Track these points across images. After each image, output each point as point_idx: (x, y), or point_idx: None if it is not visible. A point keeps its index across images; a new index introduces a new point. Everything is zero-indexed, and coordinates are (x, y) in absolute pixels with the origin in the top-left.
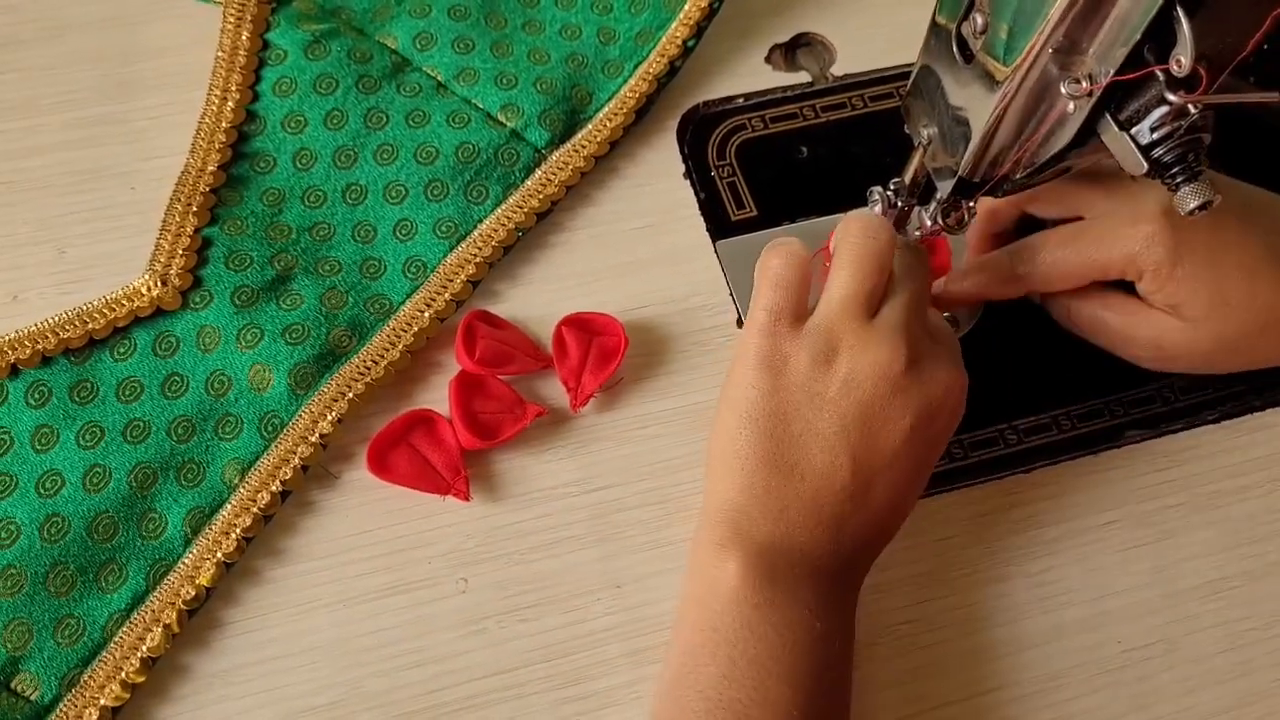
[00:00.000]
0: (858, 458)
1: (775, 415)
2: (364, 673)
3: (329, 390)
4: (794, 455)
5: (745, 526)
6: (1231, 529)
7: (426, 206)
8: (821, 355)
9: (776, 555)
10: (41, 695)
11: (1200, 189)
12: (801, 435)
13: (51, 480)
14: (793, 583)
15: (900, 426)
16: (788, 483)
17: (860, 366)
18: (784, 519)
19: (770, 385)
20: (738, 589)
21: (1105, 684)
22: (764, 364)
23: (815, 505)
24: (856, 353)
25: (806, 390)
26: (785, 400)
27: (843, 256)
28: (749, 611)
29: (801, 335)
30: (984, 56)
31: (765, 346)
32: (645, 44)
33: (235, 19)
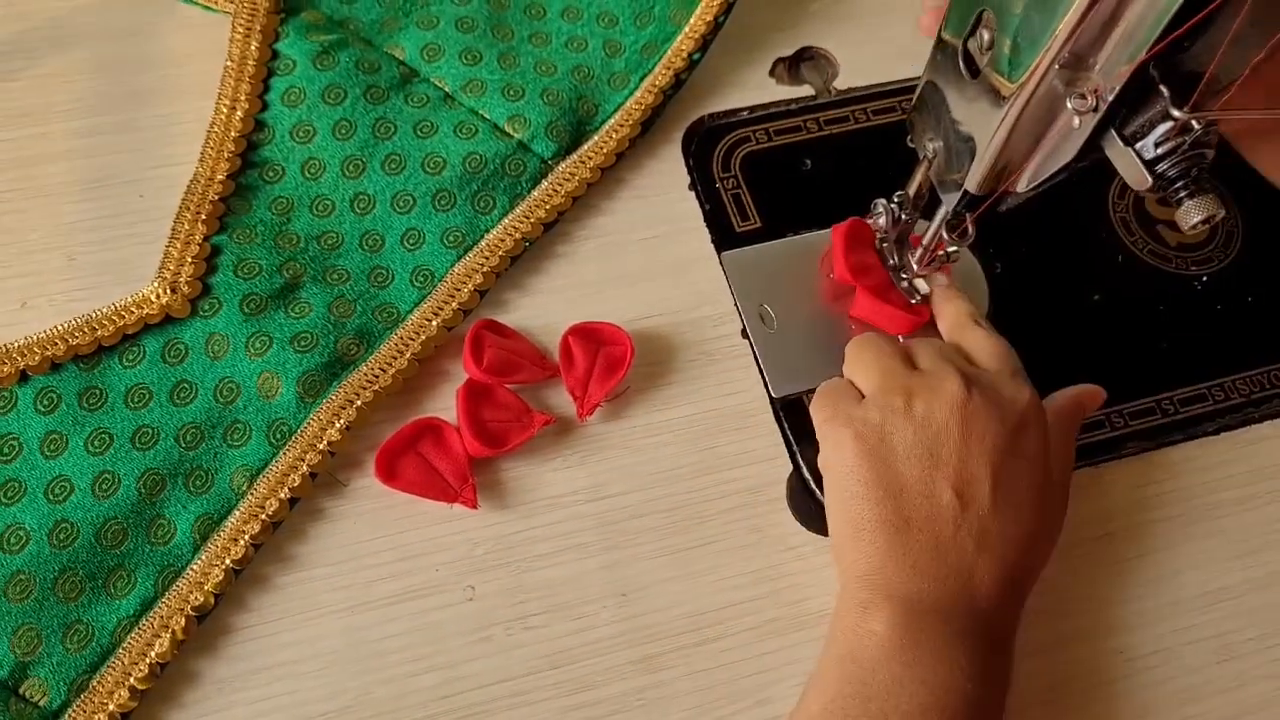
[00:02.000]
0: (960, 490)
1: (875, 479)
2: (372, 679)
3: (337, 398)
4: (904, 510)
5: (883, 586)
6: (1230, 540)
7: (434, 216)
8: (894, 408)
9: (921, 612)
10: (50, 701)
11: (1203, 204)
12: (904, 488)
13: (60, 486)
14: (940, 642)
15: (987, 446)
16: (907, 537)
17: (931, 404)
18: (916, 574)
19: (859, 453)
20: (885, 644)
21: (1105, 694)
22: (848, 440)
23: (939, 551)
24: (921, 395)
25: (889, 444)
26: (876, 462)
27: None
28: (899, 670)
29: (866, 403)
30: (990, 72)
31: (836, 427)
32: (651, 57)
33: (244, 29)
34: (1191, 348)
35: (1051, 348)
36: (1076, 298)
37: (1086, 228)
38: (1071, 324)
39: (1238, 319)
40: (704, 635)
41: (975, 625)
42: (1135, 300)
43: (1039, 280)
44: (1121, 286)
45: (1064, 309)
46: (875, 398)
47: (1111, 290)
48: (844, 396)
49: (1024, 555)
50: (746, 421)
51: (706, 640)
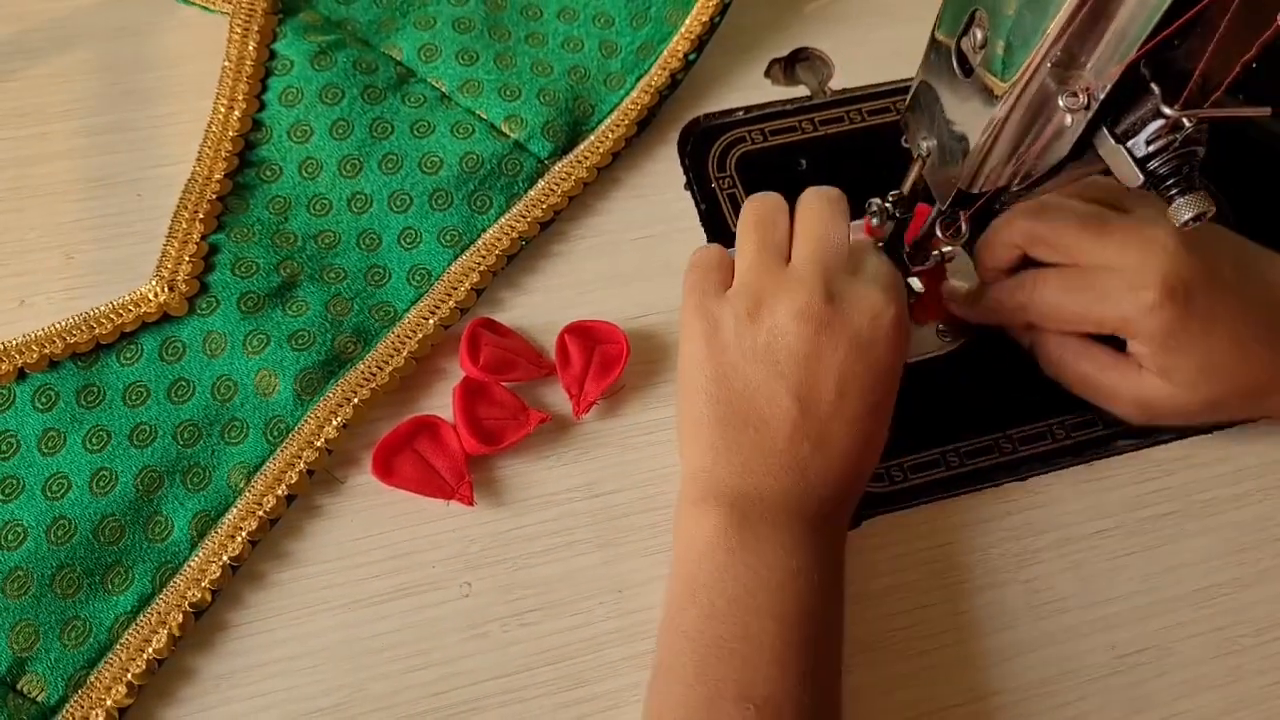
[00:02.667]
0: (801, 397)
1: (718, 378)
2: (368, 675)
3: (334, 396)
4: (743, 409)
5: (715, 483)
6: (1223, 537)
7: (431, 215)
8: (745, 311)
9: (747, 504)
10: (48, 696)
11: (1195, 201)
12: (744, 390)
13: (58, 483)
14: (766, 527)
15: (834, 360)
16: (743, 436)
17: (781, 311)
18: (748, 470)
19: (707, 351)
20: (712, 538)
21: (1098, 690)
22: (700, 335)
23: (773, 452)
24: (775, 300)
25: (739, 347)
26: (723, 361)
27: (742, 227)
28: (723, 556)
29: (725, 298)
30: (982, 72)
31: (697, 319)
32: (647, 57)
33: (242, 29)
34: None
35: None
36: None
37: None
38: None
39: None
40: None
41: (805, 513)
42: None
43: None
44: None
45: None
46: (734, 294)
47: None
48: (712, 280)
49: (859, 454)
50: None
51: None
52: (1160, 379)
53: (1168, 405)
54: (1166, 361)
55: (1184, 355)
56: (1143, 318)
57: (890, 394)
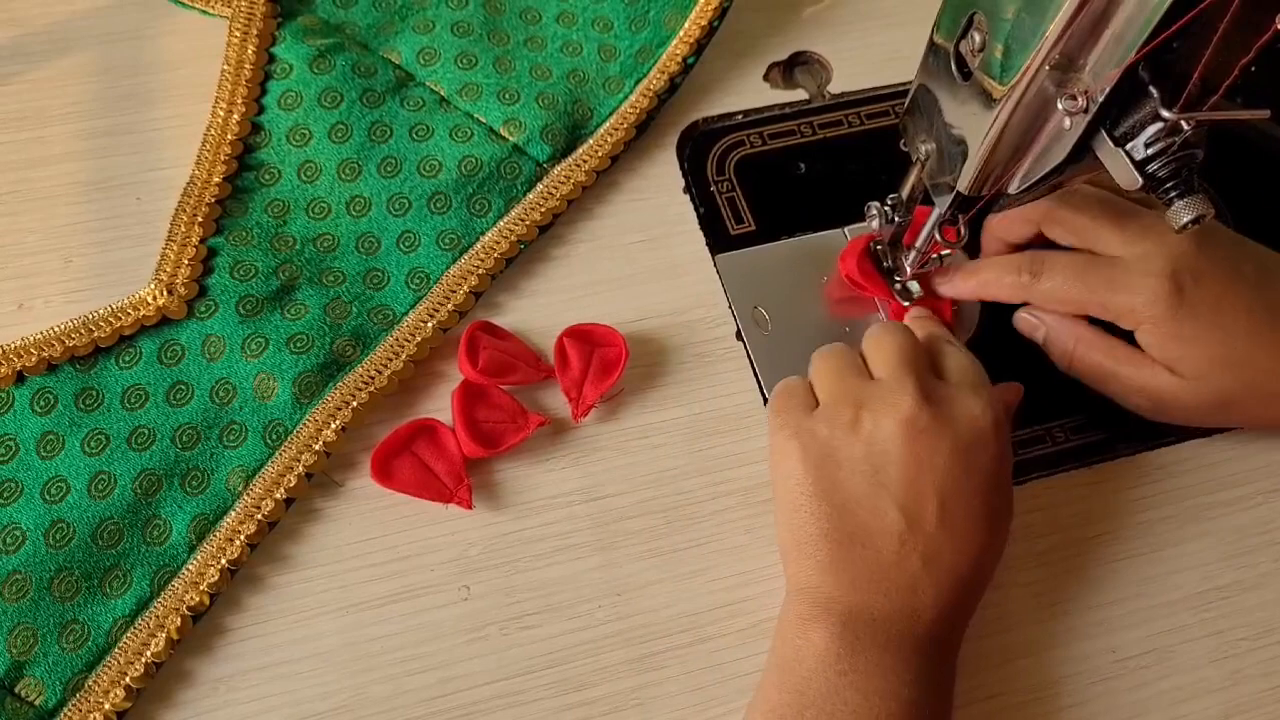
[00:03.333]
0: (906, 509)
1: (820, 494)
2: (367, 679)
3: (333, 399)
4: (849, 524)
5: (824, 600)
6: (1223, 540)
7: (429, 219)
8: (841, 422)
9: (859, 625)
10: (46, 700)
11: (1193, 203)
12: (847, 503)
13: (57, 486)
14: (878, 651)
15: (936, 466)
16: (851, 552)
17: (879, 418)
18: (858, 588)
19: (804, 468)
20: (823, 655)
21: (1098, 693)
22: (795, 453)
23: (883, 568)
24: (873, 407)
25: (837, 459)
26: (822, 475)
27: (818, 363)
28: (834, 678)
29: (818, 414)
30: (981, 75)
31: (789, 439)
32: (646, 61)
33: (241, 33)
34: None
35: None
36: None
37: None
38: None
39: None
40: (697, 635)
41: (917, 637)
42: None
43: None
44: None
45: None
46: (825, 409)
47: None
48: (797, 403)
49: (971, 571)
50: (740, 423)
51: (699, 640)
52: (1168, 371)
53: (1176, 398)
54: (1173, 352)
55: (1192, 346)
56: (1147, 305)
57: (999, 501)
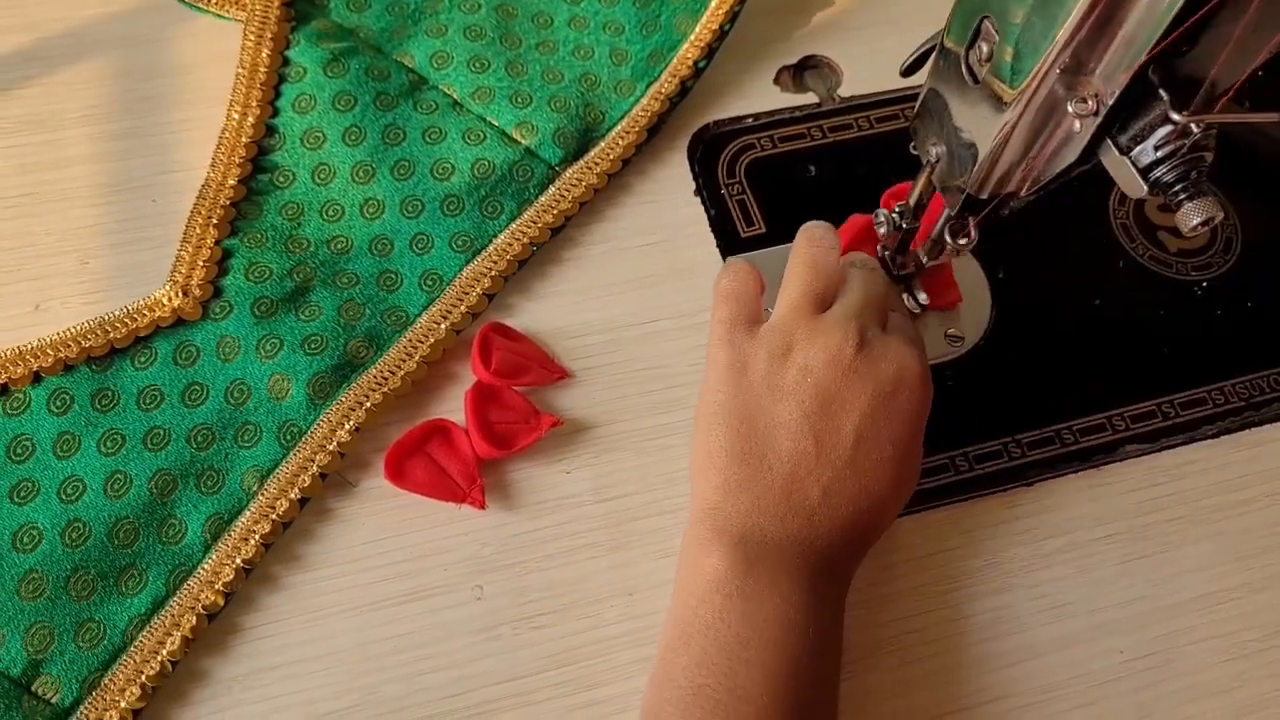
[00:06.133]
0: (822, 441)
1: (741, 413)
2: (380, 678)
3: (347, 400)
4: (761, 447)
5: (722, 523)
6: (1230, 542)
7: (443, 221)
8: (778, 350)
9: (752, 547)
10: (62, 698)
11: (1203, 206)
12: (766, 427)
13: (73, 486)
14: (768, 574)
15: (858, 406)
16: (758, 474)
17: (813, 354)
18: (757, 510)
19: (734, 386)
20: (713, 580)
21: (1105, 694)
22: (727, 367)
23: (786, 493)
24: (808, 343)
25: (767, 384)
26: (749, 397)
27: (793, 265)
28: (721, 600)
29: (758, 336)
30: (991, 79)
31: (726, 352)
32: (657, 64)
33: (256, 37)
34: (1191, 352)
35: (1053, 352)
36: (1078, 302)
37: (1088, 234)
38: (1073, 328)
39: (1237, 323)
40: None
41: (808, 566)
42: (1136, 305)
43: (1041, 285)
44: (1122, 291)
45: (1065, 313)
46: (769, 332)
47: (1112, 295)
48: (742, 313)
49: (871, 512)
50: None
51: None
52: None
53: None
54: None
55: None
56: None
57: (910, 451)
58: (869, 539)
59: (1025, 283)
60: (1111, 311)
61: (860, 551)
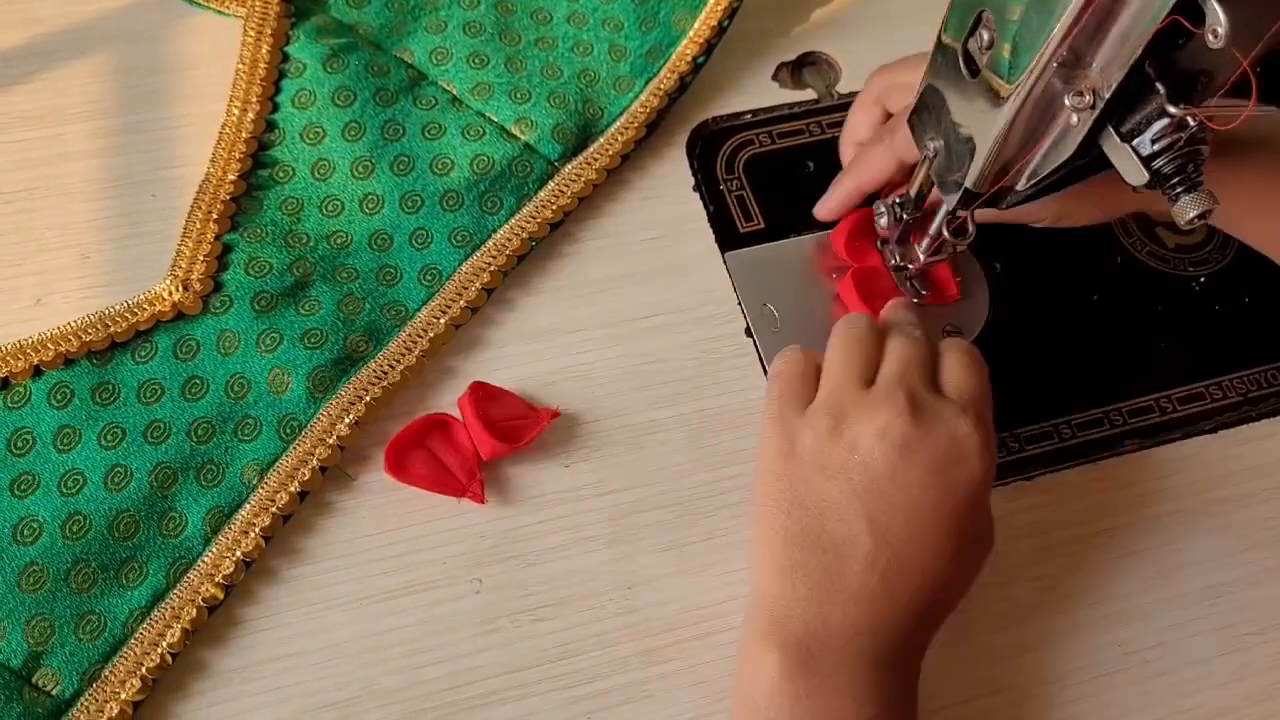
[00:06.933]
0: (876, 522)
1: (792, 496)
2: (379, 670)
3: (346, 394)
4: (815, 529)
5: (782, 614)
6: (1229, 536)
7: (442, 216)
8: (824, 429)
9: (814, 641)
10: (63, 690)
11: (1199, 199)
12: (819, 509)
13: (73, 479)
14: (833, 669)
15: (910, 480)
16: (813, 557)
17: (859, 429)
18: (815, 599)
19: (783, 467)
20: (776, 680)
21: (1105, 686)
22: (778, 449)
23: (844, 578)
24: (858, 417)
25: (816, 464)
26: (798, 479)
27: (831, 345)
28: (789, 704)
29: (806, 415)
30: (989, 74)
31: (776, 431)
32: (656, 61)
33: (255, 33)
34: (1189, 347)
35: (1051, 347)
36: (1076, 298)
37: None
38: (1071, 324)
39: (1235, 319)
40: (707, 628)
41: (874, 655)
42: (1134, 301)
43: (1038, 280)
44: (1120, 287)
45: (1063, 309)
46: (816, 411)
47: (1110, 291)
48: (794, 394)
49: (936, 591)
50: (750, 419)
51: (709, 633)
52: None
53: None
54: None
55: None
56: None
57: (975, 524)
58: (936, 619)
59: (1023, 277)
60: (1109, 307)
61: (927, 632)
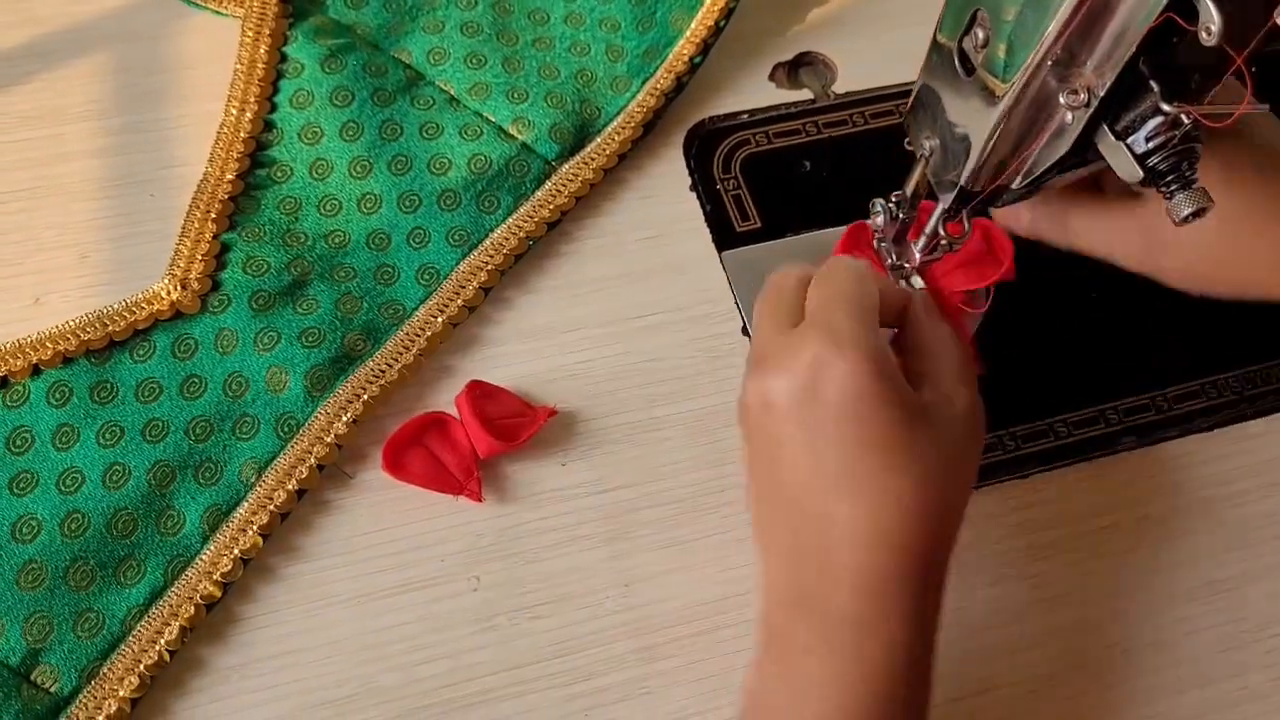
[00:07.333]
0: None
1: (753, 451)
2: (377, 668)
3: (344, 392)
4: (775, 485)
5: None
6: (1225, 534)
7: (439, 216)
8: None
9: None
10: (61, 687)
11: (1193, 197)
12: (772, 463)
13: (72, 478)
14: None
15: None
16: (789, 534)
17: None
18: (804, 568)
19: (742, 425)
20: (799, 645)
21: (1104, 684)
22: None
23: (826, 553)
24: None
25: (754, 419)
26: (748, 430)
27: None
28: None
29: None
30: (984, 73)
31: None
32: (653, 61)
33: (253, 33)
34: (1185, 345)
35: (1047, 345)
36: (1074, 295)
37: None
38: (1068, 321)
39: (1231, 317)
40: (704, 626)
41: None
42: (1130, 298)
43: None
44: (1117, 284)
45: (1061, 306)
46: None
47: (1108, 288)
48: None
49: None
50: None
51: (706, 630)
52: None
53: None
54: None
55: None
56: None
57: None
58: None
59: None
60: (1106, 304)
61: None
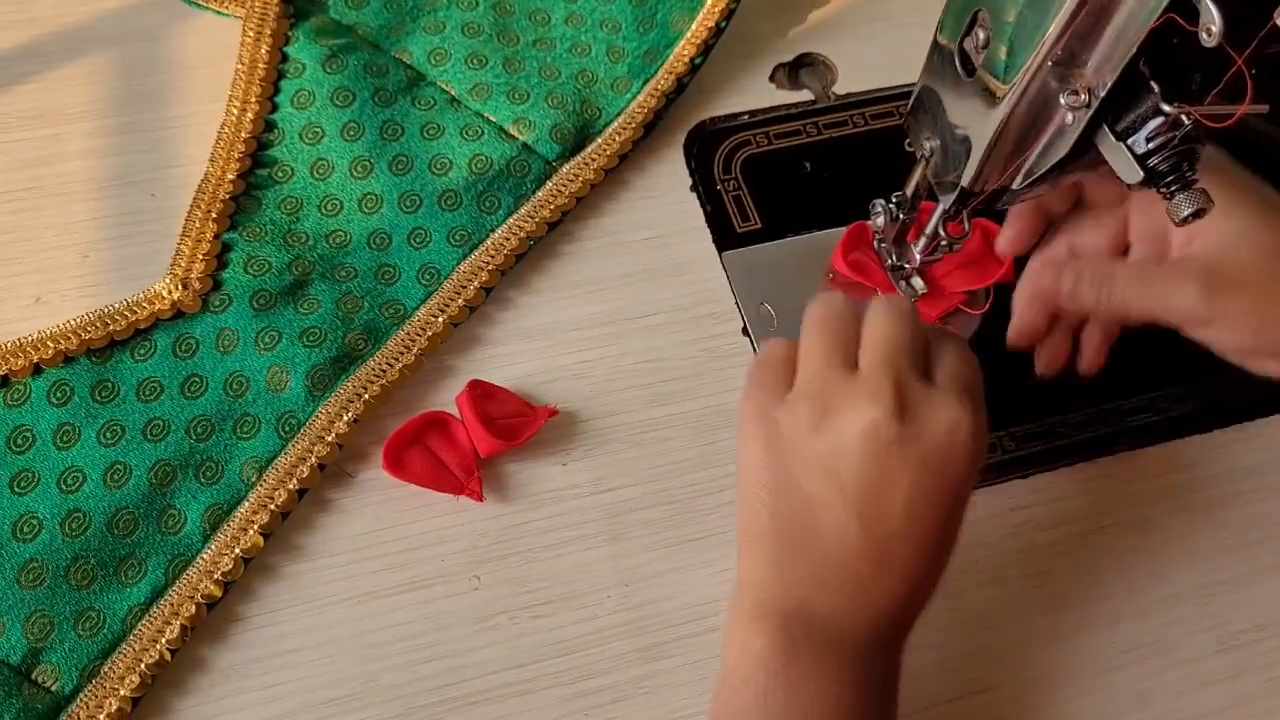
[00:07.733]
0: (865, 518)
1: (775, 489)
2: (378, 667)
3: (345, 392)
4: (800, 525)
5: (766, 599)
6: (1226, 534)
7: (440, 216)
8: (808, 420)
9: (799, 625)
10: (62, 686)
11: (1193, 197)
12: (805, 503)
13: (73, 477)
14: (814, 652)
15: (903, 482)
16: (799, 551)
17: (845, 424)
18: (800, 587)
19: (764, 460)
20: (758, 660)
21: (1100, 684)
22: (757, 440)
23: (829, 570)
24: (840, 411)
25: (801, 457)
26: (781, 471)
27: (807, 329)
28: (765, 680)
29: (786, 402)
30: (984, 74)
31: (754, 423)
32: (653, 62)
33: (255, 33)
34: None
35: None
36: None
37: None
38: None
39: None
40: (704, 625)
41: (858, 641)
42: None
43: None
44: None
45: None
46: (795, 399)
47: None
48: (772, 382)
49: (925, 577)
50: None
51: (707, 630)
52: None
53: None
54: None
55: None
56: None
57: (962, 505)
58: (923, 602)
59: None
60: None
61: (915, 616)
